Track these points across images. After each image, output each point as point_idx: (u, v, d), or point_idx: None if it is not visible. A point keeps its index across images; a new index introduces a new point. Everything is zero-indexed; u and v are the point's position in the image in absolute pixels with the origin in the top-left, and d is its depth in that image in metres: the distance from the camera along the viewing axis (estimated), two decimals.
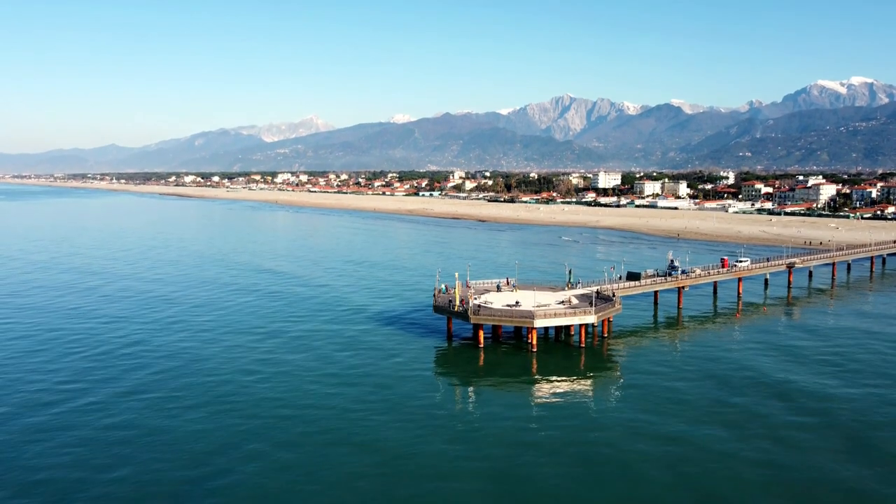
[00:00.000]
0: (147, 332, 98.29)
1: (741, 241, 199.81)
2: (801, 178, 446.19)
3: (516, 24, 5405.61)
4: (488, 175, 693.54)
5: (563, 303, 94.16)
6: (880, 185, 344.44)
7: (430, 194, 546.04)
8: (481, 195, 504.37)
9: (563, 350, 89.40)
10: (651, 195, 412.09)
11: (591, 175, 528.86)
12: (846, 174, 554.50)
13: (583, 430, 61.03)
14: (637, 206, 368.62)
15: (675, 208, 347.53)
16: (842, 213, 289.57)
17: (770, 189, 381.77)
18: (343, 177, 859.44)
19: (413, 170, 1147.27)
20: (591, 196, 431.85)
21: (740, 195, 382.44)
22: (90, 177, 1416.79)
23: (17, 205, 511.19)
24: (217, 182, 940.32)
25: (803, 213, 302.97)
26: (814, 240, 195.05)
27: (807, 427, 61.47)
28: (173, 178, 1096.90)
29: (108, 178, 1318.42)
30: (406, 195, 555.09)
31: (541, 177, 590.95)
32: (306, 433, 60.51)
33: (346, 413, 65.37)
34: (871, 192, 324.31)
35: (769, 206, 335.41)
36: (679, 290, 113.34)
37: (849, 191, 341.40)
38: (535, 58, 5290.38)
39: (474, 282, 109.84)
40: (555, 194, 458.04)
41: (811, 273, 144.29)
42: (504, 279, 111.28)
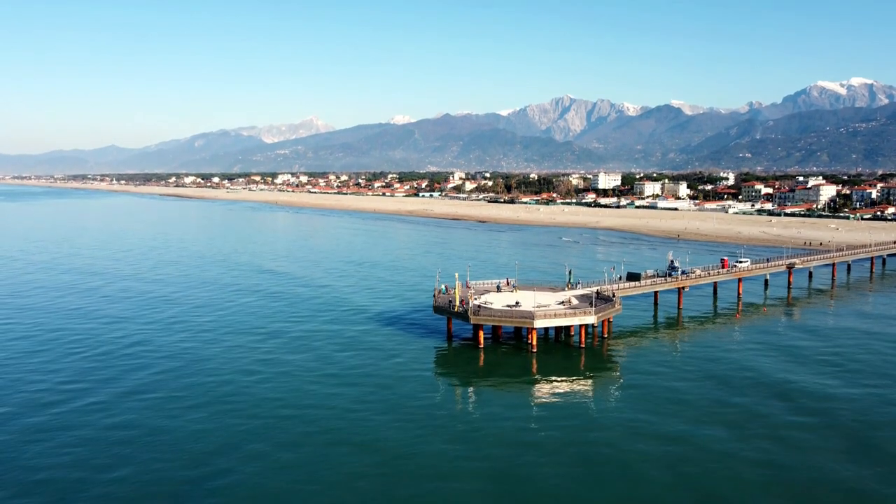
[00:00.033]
0: (148, 332, 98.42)
1: (741, 242, 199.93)
2: (801, 178, 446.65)
3: (516, 25, 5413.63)
4: (488, 176, 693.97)
5: (563, 303, 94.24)
6: (880, 185, 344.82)
7: (430, 195, 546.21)
8: (481, 196, 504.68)
9: (563, 350, 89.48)
10: (651, 196, 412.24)
11: (591, 176, 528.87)
12: (846, 175, 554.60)
13: (583, 431, 61.12)
14: (637, 207, 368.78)
15: (675, 209, 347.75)
16: (842, 214, 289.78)
17: (770, 190, 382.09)
18: (343, 178, 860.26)
19: (413, 171, 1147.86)
20: (591, 197, 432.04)
21: (740, 196, 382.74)
22: (90, 178, 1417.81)
23: (18, 205, 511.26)
24: (217, 183, 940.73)
25: (803, 213, 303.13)
26: (814, 240, 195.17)
27: (807, 427, 61.56)
28: (173, 179, 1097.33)
29: (108, 178, 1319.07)
30: (406, 196, 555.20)
31: (541, 178, 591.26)
32: (307, 433, 60.61)
33: (346, 413, 65.47)
34: (870, 192, 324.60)
35: (769, 206, 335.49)
36: (679, 290, 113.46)
37: (849, 192, 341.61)
38: (535, 58, 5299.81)
39: (474, 282, 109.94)
40: (555, 195, 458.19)
41: (811, 274, 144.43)
42: (504, 280, 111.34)
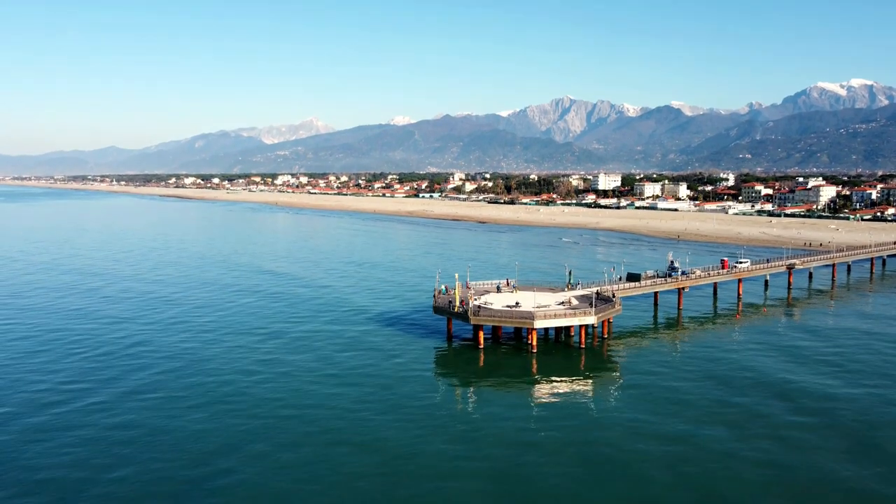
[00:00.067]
0: (148, 332, 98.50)
1: (741, 243, 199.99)
2: (800, 179, 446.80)
3: (516, 26, 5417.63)
4: (488, 177, 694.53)
5: (563, 304, 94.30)
6: (880, 186, 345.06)
7: (430, 196, 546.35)
8: (481, 197, 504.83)
9: (563, 351, 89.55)
10: (651, 197, 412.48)
11: (591, 177, 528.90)
12: (846, 176, 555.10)
13: (583, 431, 61.19)
14: (637, 208, 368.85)
15: (675, 210, 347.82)
16: (842, 215, 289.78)
17: (770, 191, 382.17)
18: (343, 178, 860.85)
19: (413, 171, 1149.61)
20: (591, 198, 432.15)
21: (740, 197, 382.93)
22: (90, 179, 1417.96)
23: (18, 206, 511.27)
24: (217, 184, 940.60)
25: (803, 214, 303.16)
26: (814, 241, 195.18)
27: (807, 427, 61.62)
28: (173, 180, 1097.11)
29: (108, 179, 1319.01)
30: (406, 197, 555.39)
31: (541, 178, 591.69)
32: (307, 433, 60.70)
33: (346, 413, 65.55)
34: (870, 193, 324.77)
35: (769, 207, 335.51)
36: (679, 291, 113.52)
37: (849, 192, 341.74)
38: (535, 59, 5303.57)
39: (474, 283, 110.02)
40: (555, 196, 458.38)
41: (811, 274, 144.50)
42: (504, 280, 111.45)
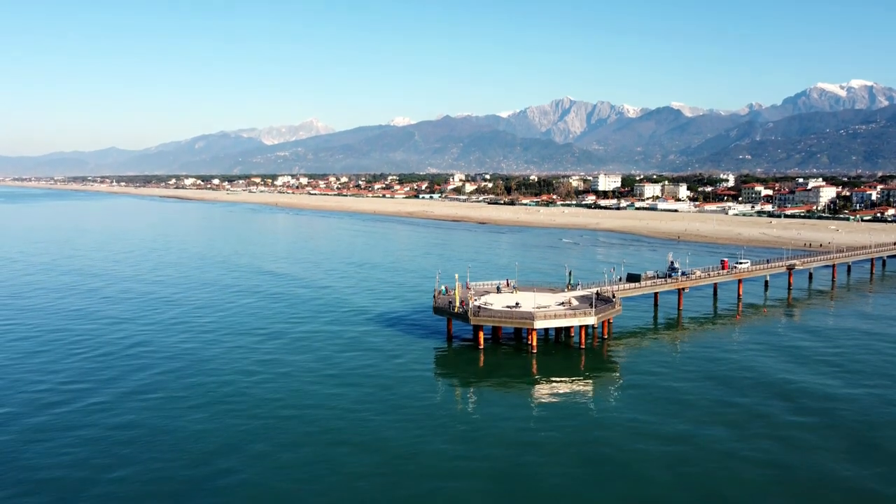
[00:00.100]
0: (149, 333, 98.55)
1: (741, 244, 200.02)
2: (800, 180, 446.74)
3: (516, 27, 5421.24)
4: (488, 178, 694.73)
5: (563, 304, 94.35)
6: (880, 187, 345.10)
7: (431, 197, 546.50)
8: (481, 198, 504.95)
9: (563, 351, 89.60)
10: (651, 198, 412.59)
11: (591, 178, 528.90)
12: (846, 177, 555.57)
13: (583, 431, 61.24)
14: (637, 209, 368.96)
15: (675, 211, 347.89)
16: (842, 216, 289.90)
17: (770, 191, 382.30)
18: (343, 179, 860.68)
19: (413, 172, 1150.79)
20: (591, 198, 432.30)
21: (740, 198, 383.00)
22: (90, 179, 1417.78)
23: (18, 207, 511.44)
24: (217, 185, 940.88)
25: (803, 215, 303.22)
26: (814, 242, 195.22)
27: (808, 427, 61.67)
28: (173, 181, 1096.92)
29: (108, 180, 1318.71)
30: (406, 198, 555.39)
31: (541, 179, 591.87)
32: (308, 433, 60.76)
33: (347, 413, 65.61)
34: (870, 194, 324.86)
35: (769, 208, 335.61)
36: (679, 291, 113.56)
37: (849, 193, 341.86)
38: (535, 60, 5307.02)
39: (474, 283, 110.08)
40: (555, 197, 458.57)
41: (811, 275, 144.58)
42: (504, 281, 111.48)
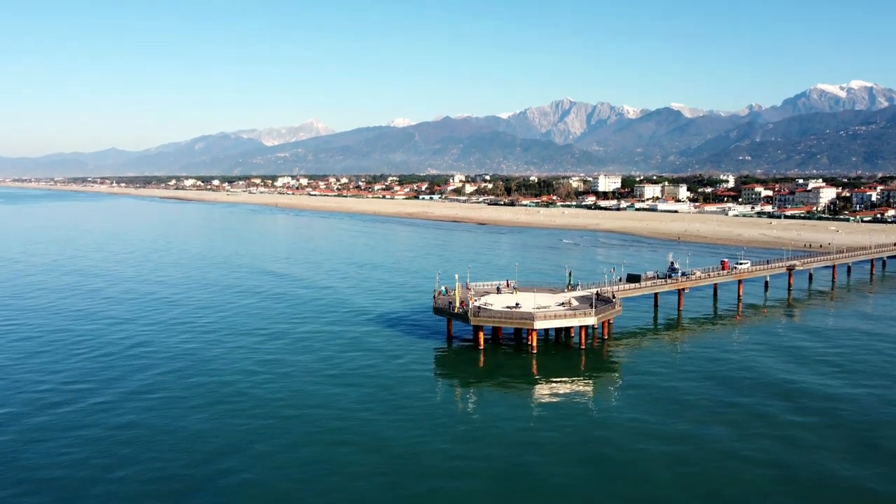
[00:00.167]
0: (150, 333, 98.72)
1: (741, 244, 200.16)
2: (800, 181, 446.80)
3: (516, 28, 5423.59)
4: (488, 178, 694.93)
5: (563, 304, 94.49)
6: (880, 188, 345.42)
7: (431, 198, 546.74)
8: (481, 198, 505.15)
9: (563, 351, 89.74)
10: (651, 198, 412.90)
11: (592, 179, 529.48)
12: (846, 178, 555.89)
13: (583, 431, 61.38)
14: (637, 210, 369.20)
15: (676, 211, 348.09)
16: (842, 217, 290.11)
17: (770, 192, 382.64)
18: (343, 180, 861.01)
19: (413, 173, 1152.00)
20: (591, 199, 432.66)
21: (740, 198, 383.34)
22: (90, 180, 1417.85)
23: (18, 208, 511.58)
24: (217, 186, 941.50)
25: (803, 216, 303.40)
26: (814, 242, 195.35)
27: (809, 427, 61.80)
28: (173, 182, 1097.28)
29: (108, 181, 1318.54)
30: (406, 199, 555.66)
31: (541, 180, 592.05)
32: (309, 433, 60.91)
33: (348, 414, 65.76)
34: (871, 195, 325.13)
35: (769, 209, 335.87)
36: (679, 292, 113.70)
37: (849, 194, 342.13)
38: (535, 61, 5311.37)
39: (474, 284, 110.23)
40: (555, 198, 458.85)
41: (811, 275, 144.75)
42: (504, 281, 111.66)
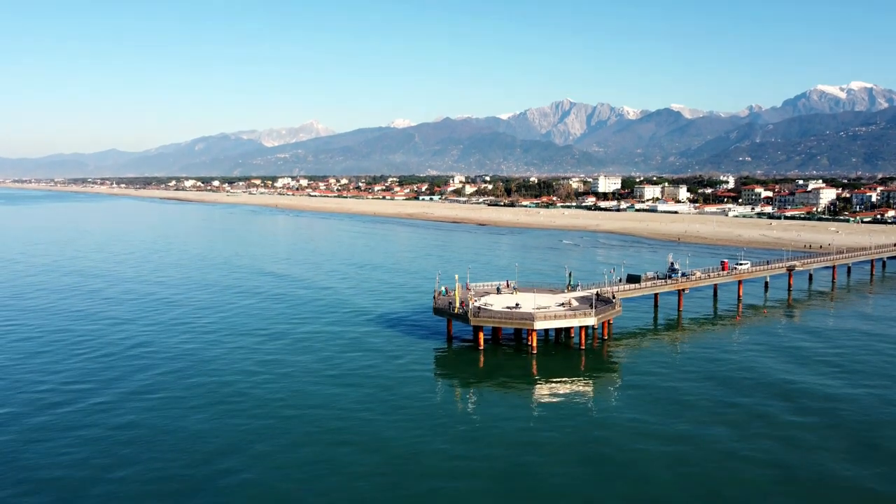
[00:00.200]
0: (151, 333, 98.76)
1: (741, 245, 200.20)
2: (800, 182, 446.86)
3: (516, 29, 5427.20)
4: (488, 179, 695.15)
5: (563, 305, 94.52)
6: (880, 189, 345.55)
7: (431, 198, 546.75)
8: (481, 199, 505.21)
9: (563, 352, 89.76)
10: (651, 199, 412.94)
11: (592, 179, 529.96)
12: (846, 179, 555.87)
13: (583, 431, 61.40)
14: (637, 211, 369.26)
15: (676, 212, 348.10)
16: (842, 217, 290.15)
17: (770, 193, 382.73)
18: (343, 181, 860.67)
19: (413, 174, 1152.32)
20: (591, 200, 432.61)
21: (740, 199, 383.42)
22: (90, 181, 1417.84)
23: (18, 209, 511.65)
24: (217, 186, 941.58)
25: (803, 216, 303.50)
26: (814, 243, 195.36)
27: (809, 427, 61.81)
28: (173, 183, 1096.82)
29: (108, 182, 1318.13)
30: (406, 199, 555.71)
31: (541, 181, 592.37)
32: (309, 433, 60.93)
33: (348, 414, 65.79)
34: (871, 196, 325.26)
35: (769, 210, 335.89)
36: (679, 292, 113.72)
37: (849, 195, 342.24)
38: (535, 62, 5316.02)
39: (474, 284, 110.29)
40: (555, 198, 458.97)
41: (811, 276, 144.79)
42: (504, 281, 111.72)
